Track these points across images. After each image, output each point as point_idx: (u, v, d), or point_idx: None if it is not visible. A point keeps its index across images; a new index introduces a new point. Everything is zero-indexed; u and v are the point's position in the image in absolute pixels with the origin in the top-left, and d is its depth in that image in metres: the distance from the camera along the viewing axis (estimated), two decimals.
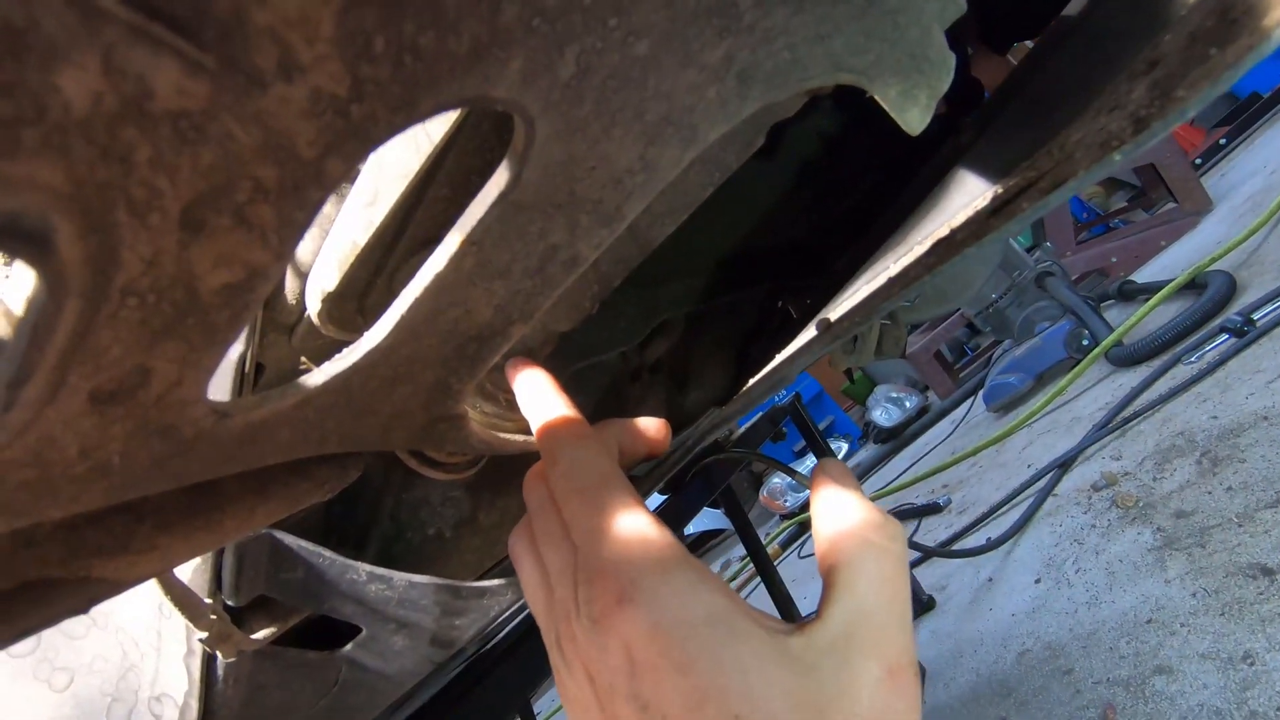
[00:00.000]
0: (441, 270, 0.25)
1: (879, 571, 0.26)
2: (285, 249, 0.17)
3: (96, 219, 0.12)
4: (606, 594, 0.24)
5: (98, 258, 0.12)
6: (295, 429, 0.28)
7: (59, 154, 0.10)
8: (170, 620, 0.47)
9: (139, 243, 0.13)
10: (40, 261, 0.11)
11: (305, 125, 0.14)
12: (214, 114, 0.12)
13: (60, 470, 0.18)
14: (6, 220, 0.10)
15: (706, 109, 0.25)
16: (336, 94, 0.13)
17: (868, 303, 0.33)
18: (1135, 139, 0.20)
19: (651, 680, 0.22)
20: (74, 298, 0.12)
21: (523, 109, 0.19)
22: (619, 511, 0.26)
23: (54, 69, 0.09)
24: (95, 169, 0.11)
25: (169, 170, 0.12)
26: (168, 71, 0.10)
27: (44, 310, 0.12)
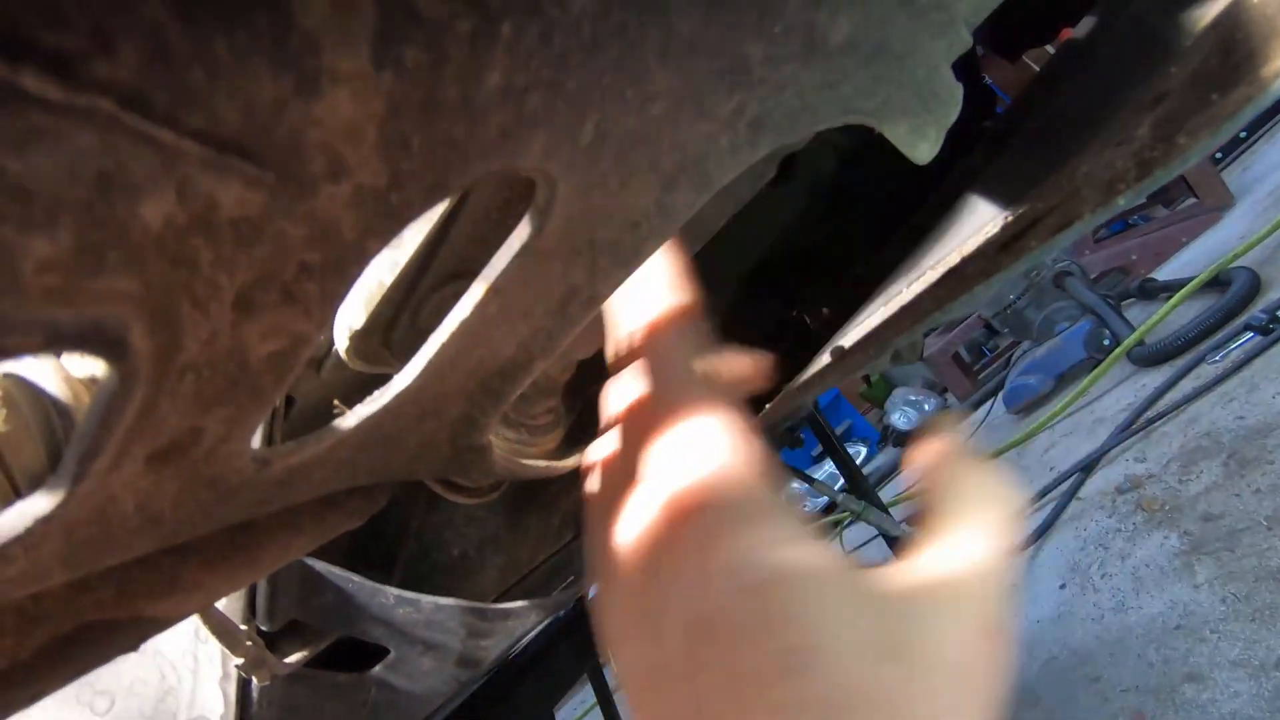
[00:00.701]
0: (467, 318, 0.26)
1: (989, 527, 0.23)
2: (327, 318, 0.18)
3: (164, 316, 0.13)
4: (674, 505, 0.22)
5: (166, 347, 0.13)
6: (328, 469, 0.29)
7: (136, 268, 0.11)
8: (206, 645, 0.48)
9: (200, 329, 0.14)
10: (115, 358, 0.12)
11: (348, 215, 0.15)
12: (270, 217, 0.13)
13: (118, 524, 0.19)
14: (91, 328, 0.11)
15: (719, 156, 0.26)
16: (377, 187, 0.14)
17: (880, 332, 0.34)
18: (1138, 184, 0.21)
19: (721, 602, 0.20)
20: (142, 384, 0.14)
21: (546, 174, 0.20)
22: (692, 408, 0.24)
23: (137, 203, 0.10)
24: (166, 275, 0.12)
25: (228, 267, 0.13)
26: (232, 190, 0.11)
27: (116, 397, 0.13)
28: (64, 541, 0.18)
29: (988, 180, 0.39)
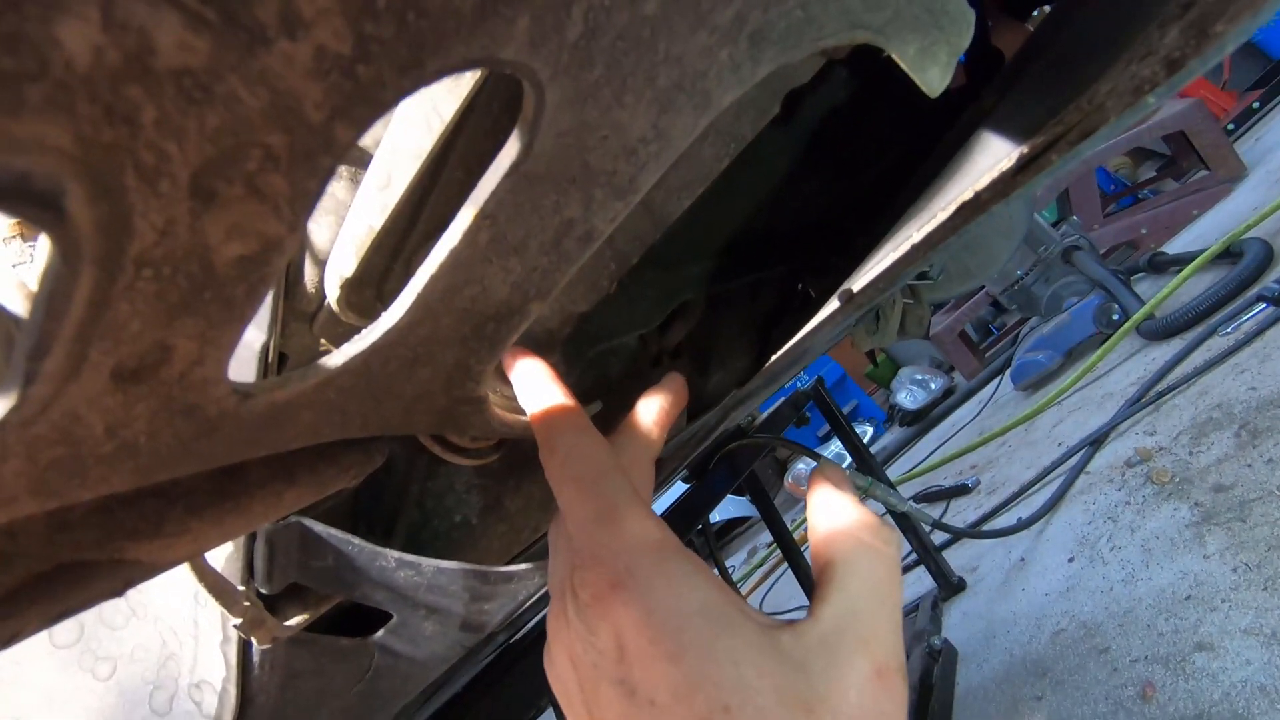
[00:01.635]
0: (456, 245, 0.25)
1: (872, 573, 0.26)
2: (299, 220, 0.17)
3: (106, 182, 0.12)
4: (600, 580, 0.24)
5: (110, 223, 0.12)
6: (317, 411, 0.28)
7: (64, 113, 0.10)
8: (206, 609, 0.48)
9: (151, 210, 0.13)
10: (52, 226, 0.11)
11: (311, 87, 0.13)
12: (218, 73, 0.12)
13: (88, 449, 0.18)
14: (17, 180, 0.10)
15: (719, 72, 0.25)
16: (341, 52, 0.13)
17: (892, 270, 0.32)
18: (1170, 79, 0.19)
19: (641, 666, 0.22)
20: (89, 265, 0.12)
21: (531, 72, 0.18)
22: (614, 500, 0.26)
23: (54, 20, 0.09)
24: (101, 129, 0.11)
25: (176, 133, 0.12)
26: (169, 26, 0.10)
27: (59, 278, 0.12)
28: (27, 460, 0.17)
29: (1001, 117, 0.38)
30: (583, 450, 0.29)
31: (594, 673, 0.24)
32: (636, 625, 0.23)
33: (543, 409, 0.32)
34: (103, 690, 0.50)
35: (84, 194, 0.11)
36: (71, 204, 0.11)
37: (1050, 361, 2.53)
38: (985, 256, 1.57)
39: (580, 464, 0.28)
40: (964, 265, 1.55)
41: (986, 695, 1.36)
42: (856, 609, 0.25)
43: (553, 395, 0.33)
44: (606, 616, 0.24)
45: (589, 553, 0.25)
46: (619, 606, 0.23)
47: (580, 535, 0.26)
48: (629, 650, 0.23)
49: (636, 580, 0.24)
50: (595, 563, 0.25)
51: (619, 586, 0.24)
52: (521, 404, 0.34)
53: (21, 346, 0.14)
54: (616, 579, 0.24)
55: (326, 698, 0.53)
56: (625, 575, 0.24)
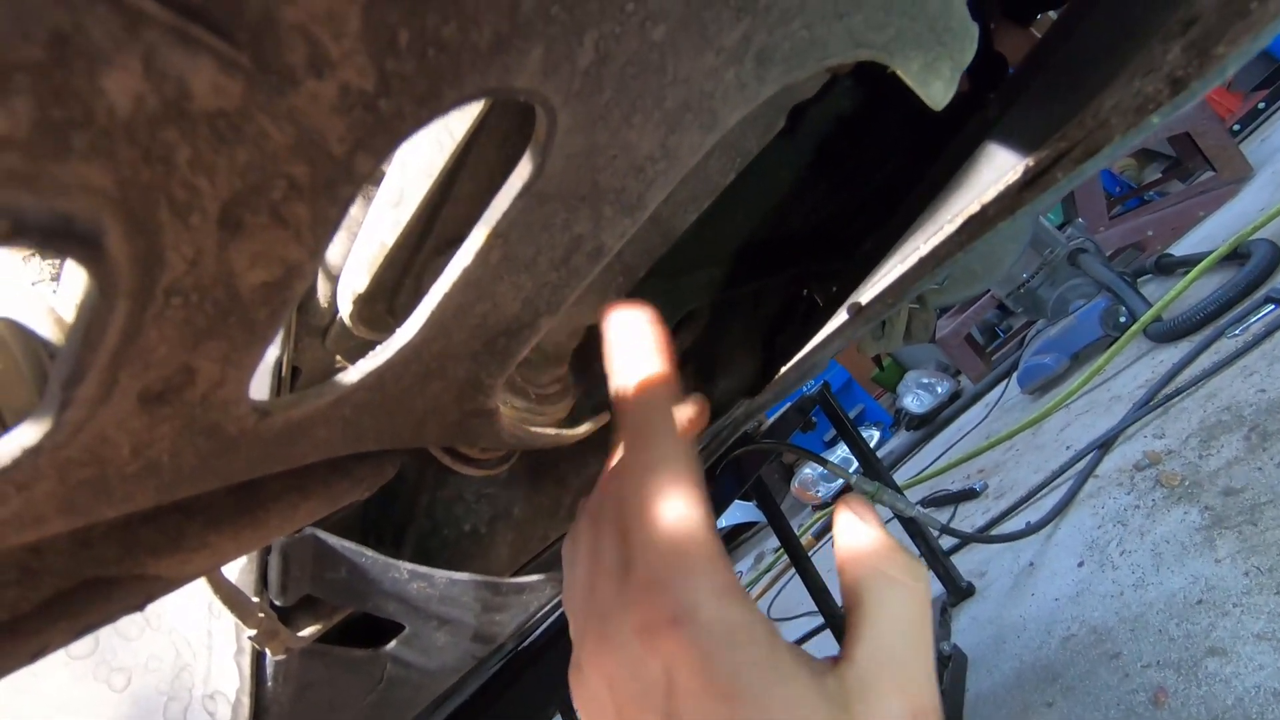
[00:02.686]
0: (469, 265, 0.25)
1: (904, 612, 0.26)
2: (319, 246, 0.17)
3: (142, 220, 0.12)
4: (659, 611, 0.23)
5: (144, 258, 0.13)
6: (333, 427, 0.28)
7: (106, 157, 0.10)
8: (220, 620, 0.48)
9: (182, 243, 0.14)
10: (91, 262, 0.12)
11: (335, 122, 0.14)
12: (249, 113, 0.12)
13: (115, 469, 0.19)
14: (61, 223, 0.11)
15: (725, 93, 0.25)
16: (364, 89, 0.14)
17: (899, 284, 0.33)
18: (1173, 100, 0.20)
19: (691, 705, 0.22)
20: (123, 298, 0.13)
21: (544, 99, 0.19)
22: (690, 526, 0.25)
23: (99, 72, 0.09)
24: (140, 171, 0.11)
25: (208, 170, 0.13)
26: (205, 71, 0.11)
27: (96, 311, 0.13)
28: (58, 482, 0.18)
29: (1006, 129, 0.38)
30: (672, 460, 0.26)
31: (638, 701, 0.24)
32: (692, 665, 0.22)
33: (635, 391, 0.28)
34: (118, 700, 0.50)
35: (121, 231, 0.12)
36: (109, 241, 0.12)
37: (1057, 365, 2.52)
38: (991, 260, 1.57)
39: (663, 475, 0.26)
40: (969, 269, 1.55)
41: (997, 701, 1.35)
42: (891, 649, 0.25)
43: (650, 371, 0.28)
44: (659, 650, 0.23)
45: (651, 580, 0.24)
46: (676, 643, 0.23)
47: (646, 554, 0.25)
48: (680, 687, 0.23)
49: (698, 622, 0.23)
50: (657, 592, 0.24)
51: (679, 623, 0.23)
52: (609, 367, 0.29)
53: (57, 375, 0.14)
54: (678, 615, 0.23)
55: (339, 708, 0.53)
56: (687, 613, 0.23)
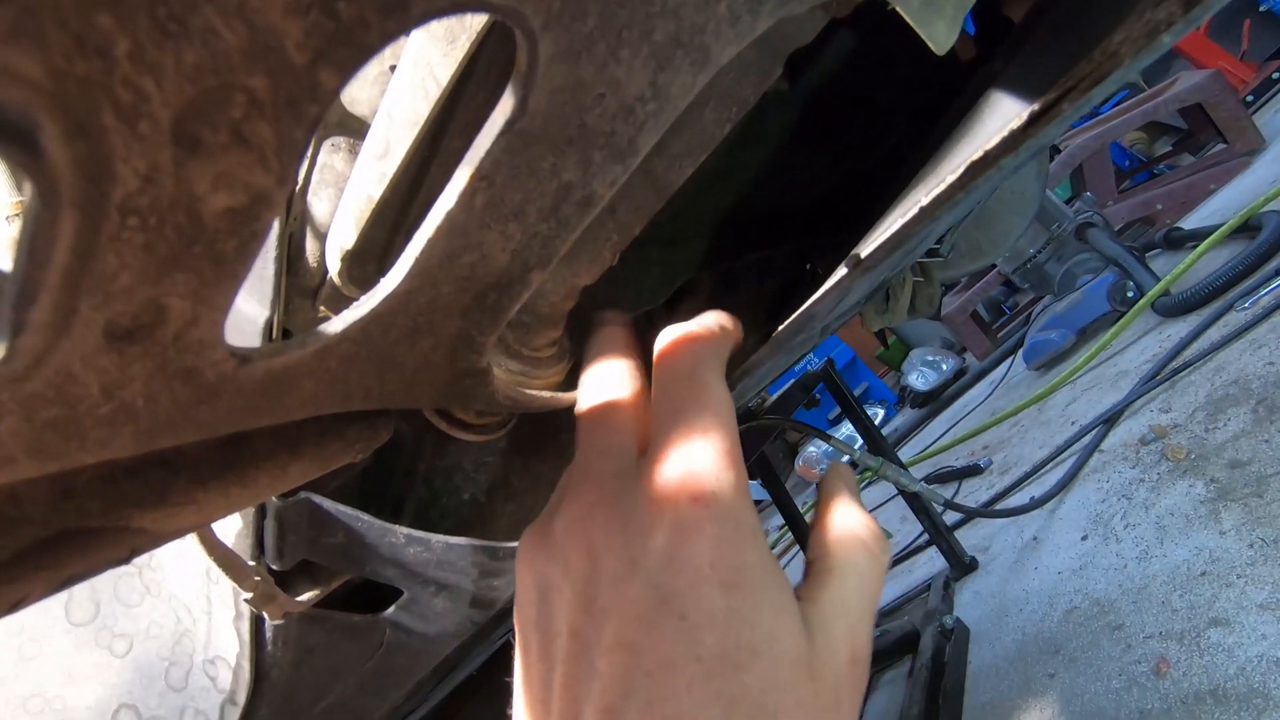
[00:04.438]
0: (452, 209, 0.24)
1: (867, 574, 0.28)
2: (286, 171, 0.16)
3: (82, 119, 0.11)
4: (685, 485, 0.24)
5: (89, 164, 0.12)
6: (319, 380, 0.28)
7: (33, 39, 0.10)
8: (218, 586, 0.48)
9: (132, 154, 0.13)
10: (29, 164, 0.11)
11: (291, 24, 0.13)
12: (193, 3, 0.11)
13: (85, 410, 0.18)
14: None
15: (717, 27, 0.24)
16: None
17: (900, 233, 0.32)
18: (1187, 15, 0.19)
19: (688, 581, 0.23)
20: (69, 208, 0.12)
21: (522, 19, 0.18)
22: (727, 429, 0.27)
23: None
24: (73, 61, 0.11)
25: (153, 69, 0.12)
26: None
27: (40, 221, 0.12)
28: (24, 420, 0.17)
29: (1011, 78, 0.37)
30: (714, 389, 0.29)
31: (623, 568, 0.24)
32: (703, 543, 0.23)
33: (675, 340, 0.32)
34: (120, 666, 0.51)
35: (59, 131, 0.11)
36: (47, 141, 0.11)
37: (1063, 340, 2.50)
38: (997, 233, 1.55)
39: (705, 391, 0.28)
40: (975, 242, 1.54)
41: (999, 673, 1.36)
42: (848, 602, 0.27)
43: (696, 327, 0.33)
44: (677, 521, 0.23)
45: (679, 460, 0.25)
46: (697, 517, 0.23)
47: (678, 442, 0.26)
48: (681, 561, 0.23)
49: (721, 506, 0.24)
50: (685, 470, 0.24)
51: (702, 502, 0.24)
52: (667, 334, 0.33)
53: (7, 296, 0.14)
54: (702, 494, 0.24)
55: (340, 673, 0.54)
56: (713, 495, 0.24)
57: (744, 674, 0.22)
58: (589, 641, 0.23)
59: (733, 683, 0.22)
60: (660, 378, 0.31)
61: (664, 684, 0.21)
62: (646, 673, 0.22)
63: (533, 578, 0.27)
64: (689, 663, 0.22)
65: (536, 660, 0.26)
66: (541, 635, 0.26)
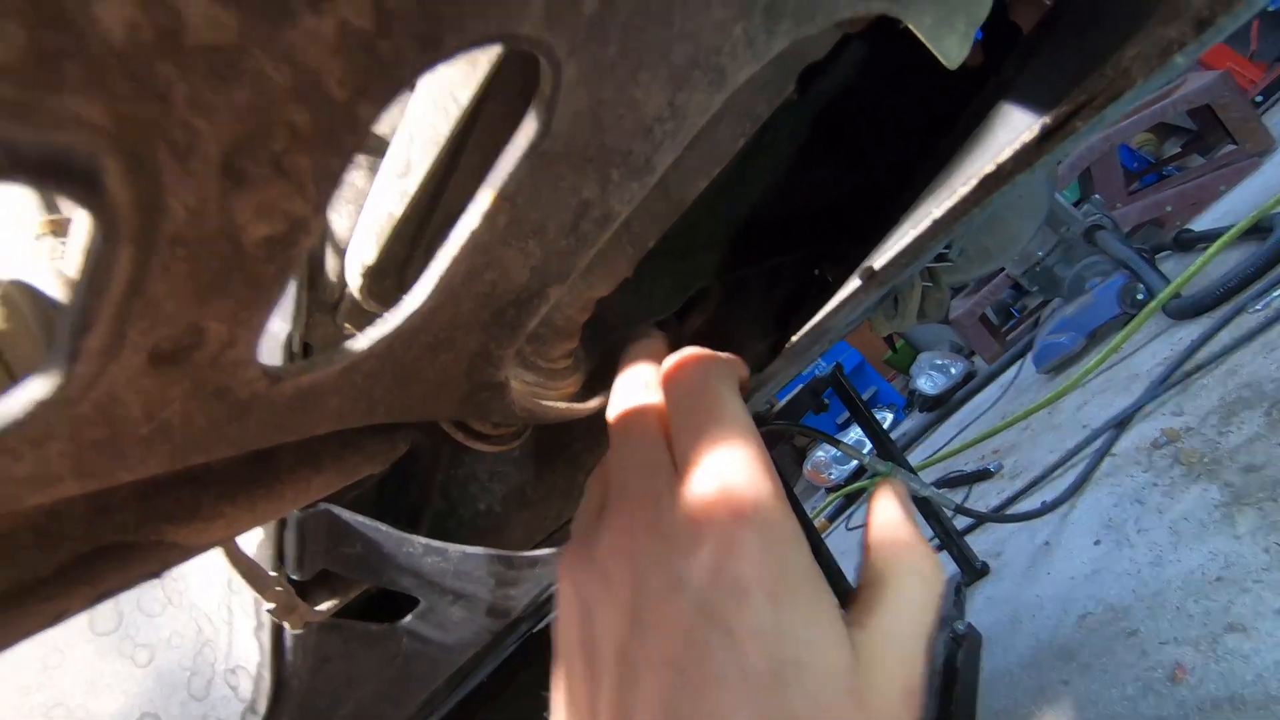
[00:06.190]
0: (476, 228, 0.25)
1: (921, 600, 0.26)
2: (323, 200, 0.17)
3: (141, 160, 0.12)
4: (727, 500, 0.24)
5: (145, 201, 0.13)
6: (344, 396, 0.28)
7: (100, 89, 0.10)
8: (239, 596, 0.49)
9: (183, 189, 0.13)
10: (92, 202, 0.12)
11: (334, 63, 0.14)
12: (246, 49, 0.12)
13: (126, 430, 0.19)
14: (57, 158, 0.11)
15: (734, 48, 0.25)
16: (363, 28, 0.13)
17: (912, 248, 0.32)
18: (1199, 38, 0.19)
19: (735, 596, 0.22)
20: (126, 243, 0.13)
21: (548, 48, 0.19)
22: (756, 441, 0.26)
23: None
24: (136, 106, 0.11)
25: (206, 110, 0.12)
26: (199, 2, 0.11)
27: (101, 255, 0.13)
28: (72, 442, 0.18)
29: (1022, 89, 0.37)
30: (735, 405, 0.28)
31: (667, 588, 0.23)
32: (750, 557, 0.23)
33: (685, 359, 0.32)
34: (142, 675, 0.51)
35: (120, 171, 0.12)
36: (109, 181, 0.12)
37: (1073, 343, 2.49)
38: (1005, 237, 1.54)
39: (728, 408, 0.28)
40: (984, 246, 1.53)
41: (1012, 680, 1.35)
42: (903, 631, 0.25)
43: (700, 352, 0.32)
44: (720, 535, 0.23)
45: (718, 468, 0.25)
46: (738, 530, 0.23)
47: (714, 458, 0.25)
48: (726, 575, 0.22)
49: (766, 519, 0.23)
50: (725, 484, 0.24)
51: (746, 516, 0.23)
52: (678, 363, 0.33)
53: (65, 324, 0.14)
54: (745, 508, 0.23)
55: (358, 682, 0.54)
56: (757, 508, 0.23)
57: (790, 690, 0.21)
58: (636, 660, 0.23)
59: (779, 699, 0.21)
60: (674, 393, 0.30)
61: (712, 701, 0.21)
62: (694, 691, 0.22)
63: (576, 597, 0.27)
64: (737, 680, 0.21)
65: (581, 680, 0.26)
66: (586, 654, 0.26)
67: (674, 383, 0.31)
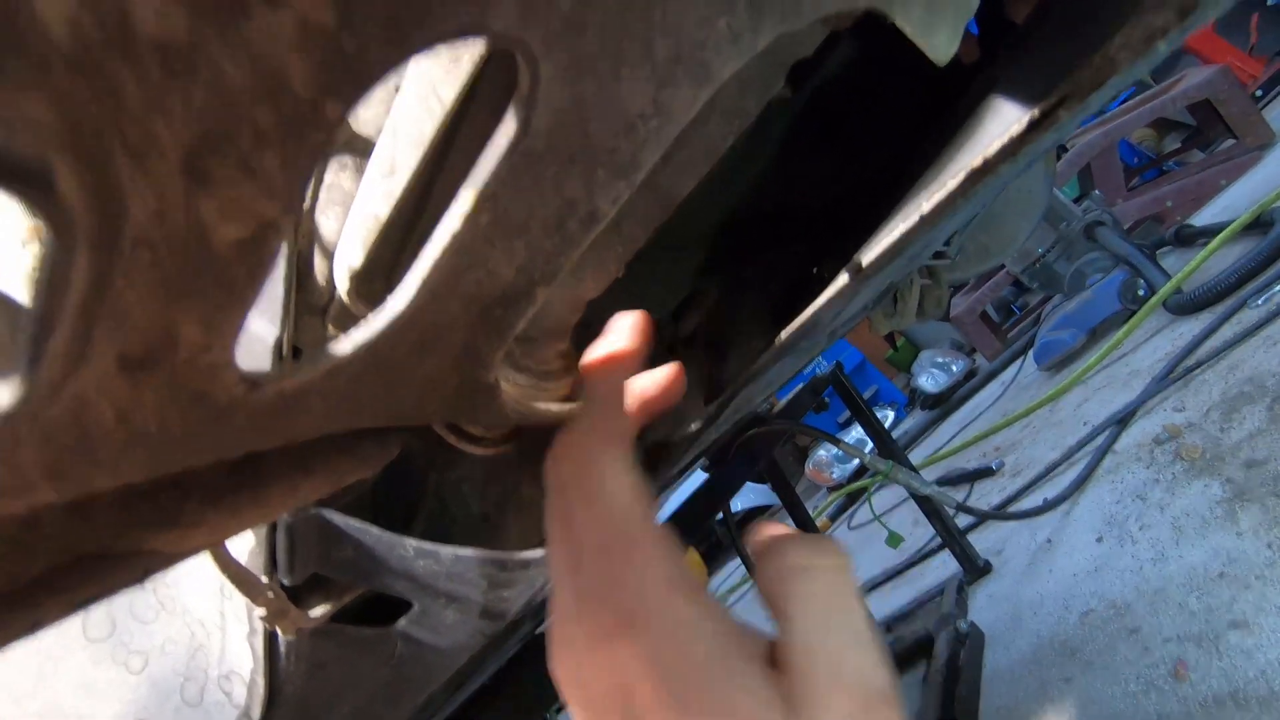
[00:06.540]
0: (458, 229, 0.24)
1: (812, 595, 0.25)
2: (293, 200, 0.17)
3: (94, 159, 0.12)
4: (607, 618, 0.24)
5: (102, 202, 0.12)
6: (328, 400, 0.28)
7: (44, 86, 0.10)
8: (232, 602, 0.49)
9: (143, 189, 0.13)
10: (44, 205, 0.11)
11: (295, 59, 0.13)
12: (199, 46, 0.12)
13: (101, 435, 0.19)
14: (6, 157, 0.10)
15: (718, 43, 0.24)
16: (323, 23, 0.13)
17: (901, 241, 0.32)
18: (1182, 24, 0.19)
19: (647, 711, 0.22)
20: (84, 245, 0.13)
21: (524, 45, 0.18)
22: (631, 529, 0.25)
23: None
24: (85, 105, 0.11)
25: (161, 109, 0.12)
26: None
27: (56, 259, 0.12)
28: (43, 447, 0.17)
29: (1011, 83, 0.37)
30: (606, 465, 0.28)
31: (603, 703, 0.24)
32: (642, 671, 0.23)
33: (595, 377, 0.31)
34: (135, 682, 0.51)
35: (72, 172, 0.11)
36: (61, 182, 0.11)
37: (1074, 340, 2.49)
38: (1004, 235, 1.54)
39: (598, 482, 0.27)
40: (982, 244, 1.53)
41: (1015, 678, 1.35)
42: (813, 643, 0.24)
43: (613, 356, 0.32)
44: (613, 657, 0.23)
45: (597, 586, 0.25)
46: (625, 649, 0.23)
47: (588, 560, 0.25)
48: (635, 693, 0.23)
49: (644, 625, 0.23)
50: (603, 597, 0.24)
51: (625, 627, 0.23)
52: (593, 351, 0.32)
53: (26, 329, 0.14)
54: (623, 619, 0.23)
55: (352, 686, 0.54)
56: (631, 616, 0.23)
57: None
58: None
59: None
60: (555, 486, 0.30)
61: None
62: None
63: None
64: None
65: None
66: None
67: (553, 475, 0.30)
